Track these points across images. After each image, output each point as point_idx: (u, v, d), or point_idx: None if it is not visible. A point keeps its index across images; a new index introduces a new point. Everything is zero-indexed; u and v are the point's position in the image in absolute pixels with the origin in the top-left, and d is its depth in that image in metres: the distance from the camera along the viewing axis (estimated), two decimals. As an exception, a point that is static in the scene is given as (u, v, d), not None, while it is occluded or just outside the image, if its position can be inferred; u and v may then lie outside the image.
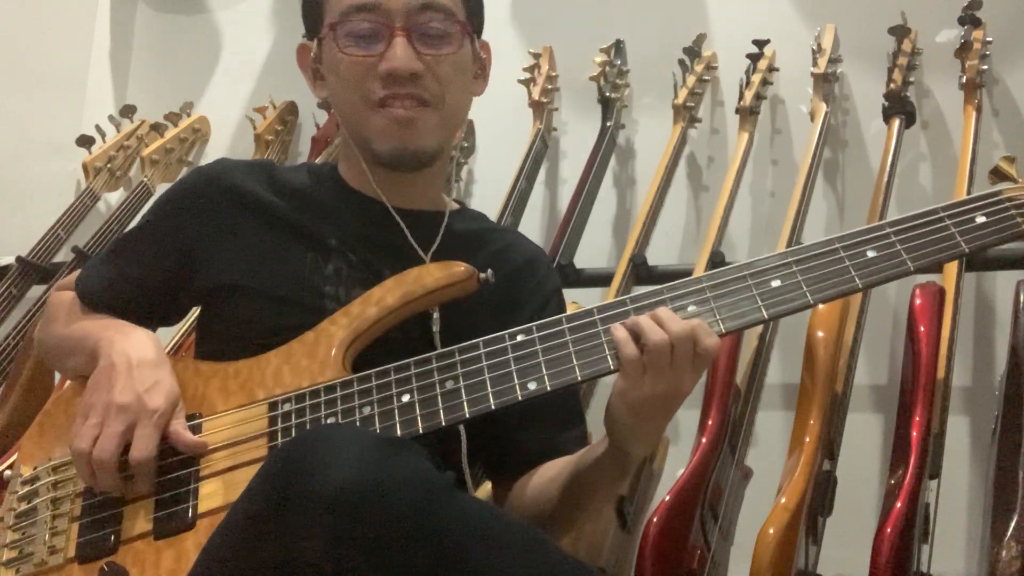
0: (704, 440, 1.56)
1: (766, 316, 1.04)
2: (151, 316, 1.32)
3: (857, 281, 1.04)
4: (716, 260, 1.94)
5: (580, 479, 1.16)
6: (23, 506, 1.16)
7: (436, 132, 1.23)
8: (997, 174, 1.09)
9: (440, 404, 1.07)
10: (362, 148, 1.25)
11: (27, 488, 1.17)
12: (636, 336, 1.03)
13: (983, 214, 1.06)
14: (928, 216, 1.07)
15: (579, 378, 1.05)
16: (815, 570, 1.57)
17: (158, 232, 1.29)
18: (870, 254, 1.06)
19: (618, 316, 1.07)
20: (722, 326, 1.04)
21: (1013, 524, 1.34)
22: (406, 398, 1.08)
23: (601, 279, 2.09)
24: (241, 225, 1.24)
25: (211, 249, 1.24)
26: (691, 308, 1.05)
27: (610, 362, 1.05)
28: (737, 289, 1.06)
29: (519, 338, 1.09)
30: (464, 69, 1.26)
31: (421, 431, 1.06)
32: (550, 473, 1.22)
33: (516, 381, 1.06)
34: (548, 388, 1.05)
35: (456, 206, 1.35)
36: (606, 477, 1.14)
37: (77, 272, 1.36)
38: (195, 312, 1.37)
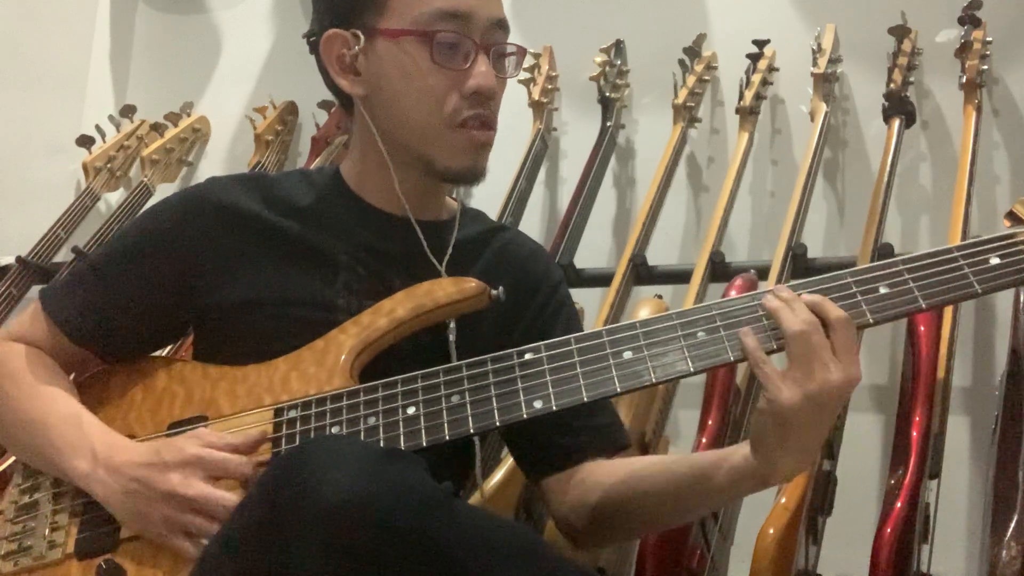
0: (704, 440, 1.56)
1: (775, 347, 1.04)
2: (140, 342, 1.26)
3: (868, 316, 1.04)
4: (716, 260, 1.94)
5: (702, 484, 1.09)
6: (25, 499, 1.16)
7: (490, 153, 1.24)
8: (1012, 218, 1.09)
9: (445, 418, 1.07)
10: (412, 160, 1.22)
11: (30, 482, 1.17)
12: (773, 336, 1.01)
13: (997, 255, 1.05)
14: (942, 255, 1.06)
15: (585, 399, 1.05)
16: (815, 570, 1.57)
17: (149, 254, 1.23)
18: (882, 290, 1.05)
19: (626, 340, 1.07)
20: (731, 355, 1.04)
21: (1013, 524, 1.34)
22: (411, 411, 1.08)
23: (601, 279, 2.09)
24: (241, 245, 1.21)
25: (212, 271, 1.21)
26: (700, 335, 1.05)
27: (616, 385, 1.05)
28: (748, 319, 1.05)
29: (527, 356, 1.09)
30: None
31: (425, 444, 1.06)
32: (630, 467, 1.17)
33: (522, 398, 1.06)
34: (554, 407, 1.05)
35: (457, 207, 1.35)
36: (741, 488, 1.07)
37: (22, 319, 1.26)
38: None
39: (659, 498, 1.14)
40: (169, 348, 2.09)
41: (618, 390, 1.05)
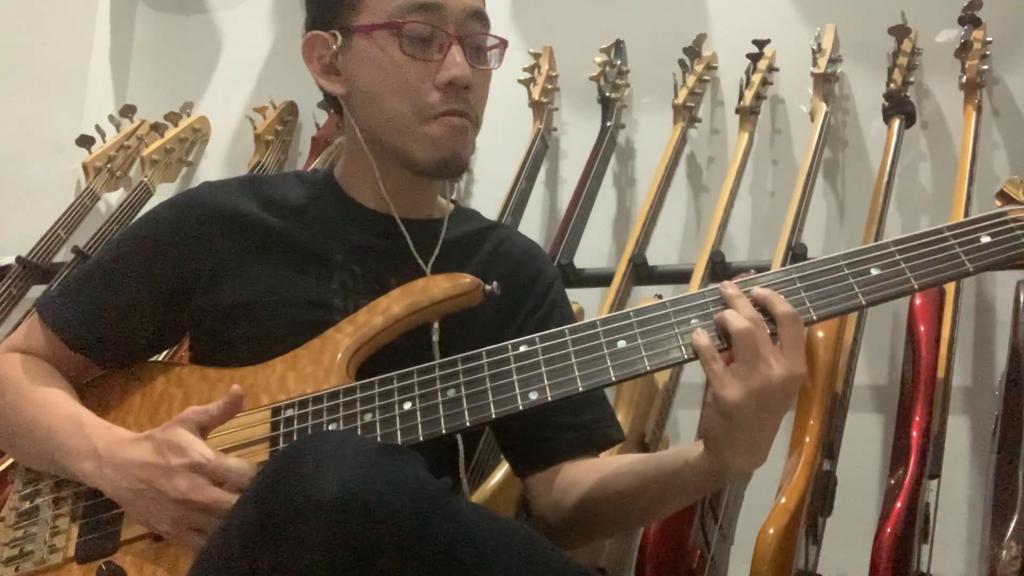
0: (704, 440, 1.56)
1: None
2: (138, 347, 1.26)
3: (861, 298, 1.04)
4: (716, 260, 1.94)
5: (666, 481, 1.11)
6: (26, 505, 1.16)
7: (471, 146, 1.22)
8: (1003, 197, 1.09)
9: (441, 412, 1.07)
10: (392, 155, 1.21)
11: (30, 488, 1.18)
12: (721, 333, 1.01)
13: (988, 234, 1.05)
14: (932, 235, 1.07)
15: (580, 389, 1.05)
16: (815, 570, 1.58)
17: (144, 260, 1.23)
18: (874, 272, 1.05)
19: (620, 329, 1.07)
20: (724, 342, 1.05)
21: (1013, 524, 1.35)
22: (408, 406, 1.08)
23: (601, 279, 2.09)
24: (237, 248, 1.22)
25: (208, 275, 1.21)
26: (693, 323, 1.06)
27: (611, 374, 1.05)
28: None
29: (522, 348, 1.09)
30: (489, 87, 1.25)
31: (421, 439, 1.06)
32: (606, 466, 1.18)
33: (517, 391, 1.06)
34: (549, 398, 1.05)
35: (451, 207, 1.34)
36: (700, 485, 1.09)
37: (20, 330, 1.26)
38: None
39: (627, 499, 1.15)
40: (166, 352, 2.10)
41: (613, 379, 1.05)
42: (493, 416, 1.06)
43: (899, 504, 1.45)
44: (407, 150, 1.20)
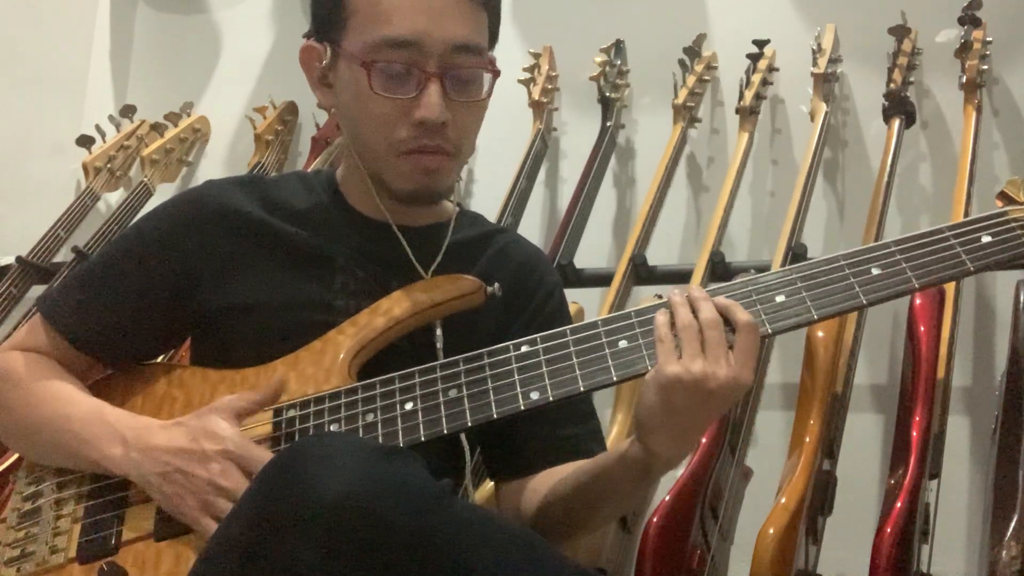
0: (704, 440, 1.56)
1: (770, 331, 1.06)
2: (142, 347, 1.26)
3: (862, 298, 1.05)
4: (716, 260, 1.94)
5: (600, 479, 1.12)
6: (27, 506, 1.16)
7: (452, 175, 1.22)
8: (1004, 198, 1.10)
9: (443, 412, 1.08)
10: (374, 179, 1.22)
11: (32, 489, 1.18)
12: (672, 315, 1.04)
13: (988, 234, 1.06)
14: (933, 235, 1.07)
15: (581, 389, 1.06)
16: (815, 570, 1.58)
17: (147, 259, 1.23)
18: (875, 271, 1.06)
19: (621, 329, 1.08)
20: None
21: (1013, 524, 1.35)
22: (409, 406, 1.08)
23: (601, 279, 2.09)
24: (239, 249, 1.21)
25: (210, 275, 1.21)
26: None
27: (612, 373, 1.05)
28: (743, 305, 1.06)
29: (523, 348, 1.10)
30: (483, 113, 1.22)
31: (423, 439, 1.06)
32: (564, 472, 1.18)
33: (519, 390, 1.07)
34: (551, 398, 1.06)
35: (456, 210, 1.34)
36: (630, 480, 1.09)
37: (22, 330, 1.27)
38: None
39: (569, 502, 1.15)
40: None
41: (614, 379, 1.06)
42: (495, 416, 1.06)
43: (899, 504, 1.45)
44: (382, 177, 1.20)
